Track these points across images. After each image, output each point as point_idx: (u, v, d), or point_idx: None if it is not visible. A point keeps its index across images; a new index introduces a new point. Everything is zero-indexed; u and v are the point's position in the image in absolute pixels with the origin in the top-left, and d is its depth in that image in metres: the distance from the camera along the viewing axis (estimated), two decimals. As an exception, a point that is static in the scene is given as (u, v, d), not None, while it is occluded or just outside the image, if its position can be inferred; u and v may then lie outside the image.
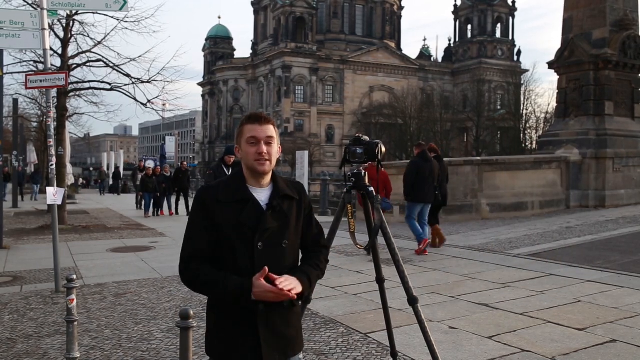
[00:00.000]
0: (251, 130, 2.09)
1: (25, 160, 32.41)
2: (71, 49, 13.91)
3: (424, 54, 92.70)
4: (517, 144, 58.69)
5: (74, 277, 3.71)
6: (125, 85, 13.94)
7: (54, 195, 6.61)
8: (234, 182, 2.11)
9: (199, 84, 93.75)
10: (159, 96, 14.40)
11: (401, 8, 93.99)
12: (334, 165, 67.41)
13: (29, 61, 13.94)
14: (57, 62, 13.41)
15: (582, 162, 14.54)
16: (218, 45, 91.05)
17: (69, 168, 23.51)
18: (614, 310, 5.32)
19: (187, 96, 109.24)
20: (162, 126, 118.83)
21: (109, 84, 14.13)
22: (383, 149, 3.35)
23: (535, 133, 57.12)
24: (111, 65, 13.84)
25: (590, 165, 14.46)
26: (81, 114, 26.67)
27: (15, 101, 21.73)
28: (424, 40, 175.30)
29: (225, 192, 2.07)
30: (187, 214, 16.54)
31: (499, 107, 74.62)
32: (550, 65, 15.96)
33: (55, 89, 9.12)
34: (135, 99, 13.94)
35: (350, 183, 3.38)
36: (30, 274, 7.77)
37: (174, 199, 18.22)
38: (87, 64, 14.30)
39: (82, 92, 16.40)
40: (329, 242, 2.77)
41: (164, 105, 16.12)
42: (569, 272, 7.11)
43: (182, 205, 17.96)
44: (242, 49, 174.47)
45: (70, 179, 27.10)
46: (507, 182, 14.04)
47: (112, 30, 14.01)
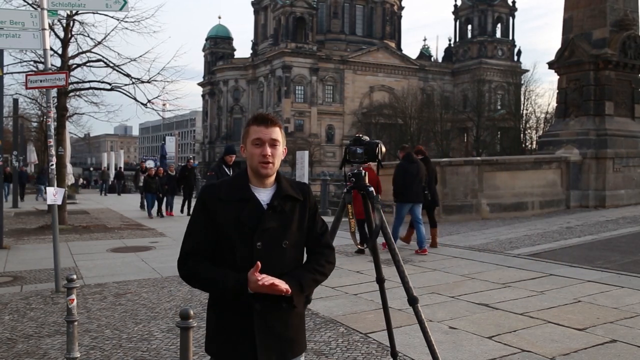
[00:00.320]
0: (257, 132, 2.08)
1: (25, 160, 32.38)
2: (71, 49, 13.91)
3: (424, 54, 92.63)
4: (517, 144, 58.64)
5: (74, 277, 3.71)
6: (126, 85, 13.94)
7: (54, 195, 6.61)
8: (237, 181, 2.12)
9: (199, 84, 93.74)
10: (159, 96, 14.40)
11: (401, 8, 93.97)
12: (334, 165, 67.33)
13: (29, 61, 13.94)
14: (57, 62, 13.40)
15: (582, 162, 14.54)
16: (218, 45, 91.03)
17: (69, 168, 23.51)
18: (614, 310, 5.32)
19: (187, 96, 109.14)
20: (162, 126, 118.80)
21: (109, 84, 14.13)
22: (383, 149, 3.36)
23: (535, 133, 57.06)
24: (111, 65, 13.84)
25: (590, 165, 14.47)
26: (81, 114, 26.61)
27: (16, 101, 21.69)
28: (424, 40, 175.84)
29: (228, 191, 2.08)
30: (187, 214, 16.55)
31: (499, 107, 74.56)
32: (551, 65, 15.97)
33: (55, 89, 9.10)
34: (135, 99, 13.94)
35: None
36: (31, 274, 7.77)
37: (180, 199, 17.88)
38: (87, 64, 14.29)
39: (82, 92, 16.37)
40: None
41: (164, 105, 16.10)
42: (569, 272, 7.12)
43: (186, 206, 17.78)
44: (242, 49, 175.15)
45: (70, 179, 27.09)
46: (507, 182, 14.05)
47: (112, 30, 14.02)
